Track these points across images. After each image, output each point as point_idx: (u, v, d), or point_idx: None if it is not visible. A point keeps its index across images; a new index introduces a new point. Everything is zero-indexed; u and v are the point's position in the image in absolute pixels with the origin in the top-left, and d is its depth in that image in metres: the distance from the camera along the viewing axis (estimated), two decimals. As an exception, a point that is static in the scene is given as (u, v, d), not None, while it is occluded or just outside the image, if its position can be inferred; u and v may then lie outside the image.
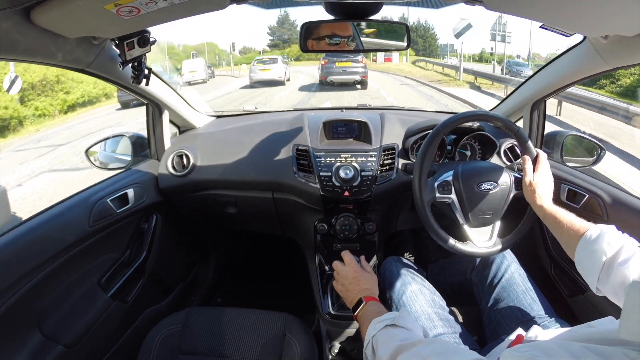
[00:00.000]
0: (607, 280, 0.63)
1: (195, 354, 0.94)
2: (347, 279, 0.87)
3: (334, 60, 10.94)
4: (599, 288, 0.65)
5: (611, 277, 0.62)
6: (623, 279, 0.60)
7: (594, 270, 0.65)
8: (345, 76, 11.12)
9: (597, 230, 0.69)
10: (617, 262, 0.62)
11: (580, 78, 0.99)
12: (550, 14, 0.70)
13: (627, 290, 0.41)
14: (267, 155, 1.20)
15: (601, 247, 0.65)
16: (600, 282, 0.64)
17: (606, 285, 0.63)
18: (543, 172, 0.87)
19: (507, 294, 0.90)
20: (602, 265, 0.64)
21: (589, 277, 0.67)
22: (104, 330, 1.03)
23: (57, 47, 0.71)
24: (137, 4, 0.60)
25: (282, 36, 41.55)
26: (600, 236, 0.67)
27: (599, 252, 0.65)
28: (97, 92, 12.78)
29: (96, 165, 1.27)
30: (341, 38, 0.89)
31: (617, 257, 0.62)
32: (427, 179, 0.94)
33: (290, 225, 1.33)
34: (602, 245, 0.65)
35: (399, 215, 1.27)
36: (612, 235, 0.66)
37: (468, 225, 0.93)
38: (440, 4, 0.88)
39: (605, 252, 0.64)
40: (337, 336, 1.14)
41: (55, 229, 0.91)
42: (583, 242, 0.69)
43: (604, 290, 0.64)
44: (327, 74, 11.25)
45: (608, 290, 0.64)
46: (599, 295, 0.66)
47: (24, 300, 0.81)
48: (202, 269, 1.65)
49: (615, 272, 0.61)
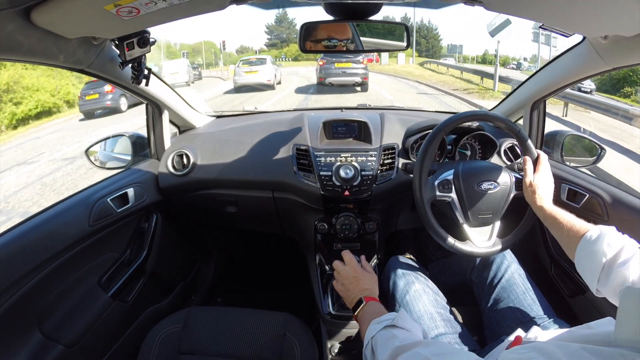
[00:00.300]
0: (606, 281, 0.63)
1: (195, 353, 0.94)
2: (347, 279, 0.87)
3: (332, 61, 10.28)
4: (598, 289, 0.65)
5: (611, 278, 0.62)
6: (623, 280, 0.60)
7: (593, 271, 0.65)
8: (345, 78, 10.43)
9: (597, 231, 0.68)
10: (616, 264, 0.62)
11: (579, 78, 0.99)
12: (549, 14, 0.70)
13: (621, 295, 0.41)
14: (267, 155, 1.21)
15: (601, 249, 0.65)
16: (600, 283, 0.64)
17: (606, 286, 0.63)
18: (543, 173, 0.87)
19: (507, 294, 0.90)
20: (602, 266, 0.64)
21: (589, 278, 0.67)
22: (104, 330, 1.03)
23: (57, 48, 0.71)
24: (137, 4, 0.60)
25: (280, 35, 40.55)
26: (600, 237, 0.67)
27: (599, 254, 0.65)
28: (54, 102, 11.27)
29: (96, 165, 1.28)
30: (341, 38, 0.89)
31: (616, 259, 0.62)
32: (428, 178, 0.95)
33: (291, 225, 1.33)
34: (602, 247, 0.65)
35: (399, 214, 1.28)
36: (611, 236, 0.66)
37: (468, 224, 0.93)
38: (439, 4, 0.88)
39: (605, 254, 0.64)
40: (337, 336, 1.15)
41: (55, 228, 0.91)
42: (583, 243, 0.69)
43: (604, 292, 0.65)
44: (326, 75, 10.53)
45: (608, 292, 0.64)
46: (598, 296, 0.66)
47: (24, 299, 0.81)
48: (202, 268, 1.65)
49: (615, 273, 0.61)
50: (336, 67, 10.36)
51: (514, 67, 21.97)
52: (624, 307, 0.41)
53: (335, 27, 0.90)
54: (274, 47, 39.48)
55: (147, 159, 1.31)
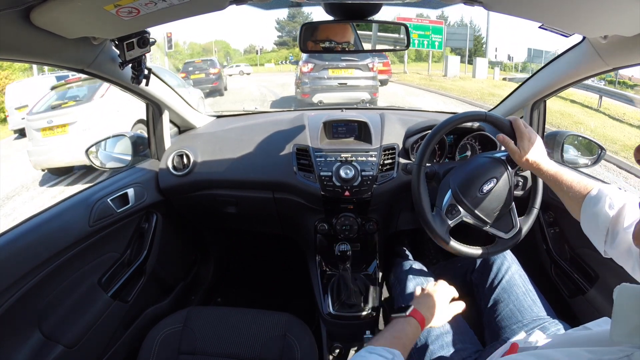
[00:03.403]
0: (613, 244, 0.62)
1: (195, 353, 0.94)
2: (436, 294, 0.81)
3: (325, 65, 6.35)
4: (606, 251, 0.64)
5: (616, 242, 0.61)
6: (628, 245, 0.59)
7: (599, 235, 0.64)
8: (346, 93, 6.35)
9: (597, 191, 0.67)
10: (621, 227, 0.61)
11: (579, 78, 0.99)
12: (549, 15, 0.70)
13: (616, 293, 0.41)
14: (268, 155, 1.21)
15: (603, 210, 0.64)
16: (607, 245, 0.63)
17: (613, 249, 0.62)
18: (523, 136, 0.83)
19: (507, 295, 0.90)
20: (607, 230, 0.63)
21: (596, 241, 0.66)
22: (104, 330, 1.03)
23: (56, 48, 0.71)
24: (137, 4, 0.60)
25: (291, 32, 35.06)
26: (600, 199, 0.66)
27: (602, 216, 0.64)
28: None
29: (96, 165, 1.28)
30: (341, 39, 0.89)
31: (620, 221, 0.61)
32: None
33: (291, 225, 1.33)
34: (604, 209, 0.64)
35: (400, 215, 1.27)
36: (612, 196, 0.65)
37: (489, 225, 0.92)
38: (439, 4, 0.88)
39: (608, 216, 0.63)
40: (338, 336, 1.15)
41: (55, 228, 0.91)
42: (585, 206, 0.68)
43: (612, 254, 0.63)
44: (314, 90, 6.40)
45: (616, 255, 0.62)
46: (606, 257, 0.65)
47: (24, 300, 0.81)
48: (202, 268, 1.65)
49: (621, 237, 0.60)
50: (331, 75, 6.43)
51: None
52: (619, 304, 0.41)
53: (335, 27, 0.90)
54: (284, 45, 34.83)
55: (147, 159, 1.31)
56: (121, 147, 1.31)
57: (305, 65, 6.51)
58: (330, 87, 6.41)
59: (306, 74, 6.49)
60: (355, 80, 6.40)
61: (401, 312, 0.74)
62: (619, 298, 0.41)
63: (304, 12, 26.71)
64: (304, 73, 6.53)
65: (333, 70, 6.39)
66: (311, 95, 6.46)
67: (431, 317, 0.75)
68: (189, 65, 11.31)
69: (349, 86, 6.41)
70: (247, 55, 30.23)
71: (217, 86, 10.78)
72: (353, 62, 6.30)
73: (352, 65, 6.34)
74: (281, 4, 0.96)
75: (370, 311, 1.09)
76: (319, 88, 6.43)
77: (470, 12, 33.26)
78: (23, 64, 8.29)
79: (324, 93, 6.37)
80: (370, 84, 6.47)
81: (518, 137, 0.84)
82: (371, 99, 6.47)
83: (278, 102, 9.40)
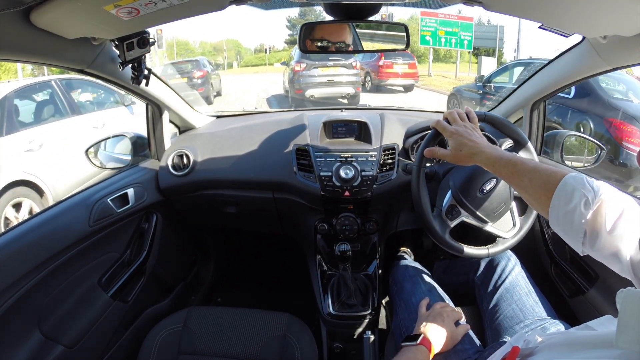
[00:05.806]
0: (594, 246, 0.55)
1: (195, 354, 0.94)
2: (443, 319, 0.80)
3: (315, 65, 7.23)
4: (585, 251, 0.57)
5: (598, 244, 0.54)
6: (615, 251, 0.53)
7: (574, 236, 0.57)
8: (333, 89, 7.39)
9: (567, 185, 0.58)
10: (602, 228, 0.54)
11: (579, 78, 0.99)
12: (549, 15, 0.70)
13: (621, 300, 0.39)
14: (268, 155, 1.21)
15: (577, 210, 0.55)
16: (587, 247, 0.56)
17: (595, 251, 0.56)
18: (451, 133, 0.76)
19: (510, 296, 0.90)
20: (584, 232, 0.55)
21: (571, 242, 0.59)
22: (104, 330, 1.03)
23: (57, 48, 0.71)
24: (137, 5, 0.60)
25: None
26: (573, 195, 0.56)
27: (577, 217, 0.55)
28: None
29: (96, 165, 1.28)
30: (336, 38, 0.90)
31: (598, 221, 0.54)
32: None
33: (291, 225, 1.33)
34: (579, 208, 0.55)
35: (400, 215, 1.27)
36: (586, 191, 0.56)
37: (490, 225, 0.93)
38: (439, 4, 0.88)
39: (584, 215, 0.55)
40: (338, 336, 1.15)
41: (55, 228, 0.91)
42: (555, 204, 0.58)
43: (594, 256, 0.57)
44: (307, 86, 7.31)
45: (599, 257, 0.56)
46: (582, 255, 0.59)
47: (24, 300, 0.81)
48: (202, 268, 1.65)
49: (605, 241, 0.53)
50: (322, 73, 7.33)
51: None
52: (625, 311, 0.39)
53: (335, 27, 0.91)
54: (294, 44, 33.46)
55: (147, 159, 1.31)
56: (121, 147, 1.31)
57: (298, 65, 7.34)
58: (320, 84, 7.32)
59: (299, 72, 7.34)
60: (340, 77, 7.38)
61: (411, 340, 0.75)
62: (625, 304, 0.39)
63: (315, 10, 25.17)
64: (297, 72, 7.35)
65: (323, 69, 7.32)
66: (304, 91, 7.37)
67: (440, 344, 0.77)
68: (169, 67, 9.26)
69: (336, 82, 7.38)
70: (257, 54, 29.27)
71: (203, 92, 8.39)
72: (339, 61, 7.24)
73: (339, 64, 7.29)
74: (281, 4, 0.96)
75: (370, 311, 1.09)
76: (310, 84, 7.31)
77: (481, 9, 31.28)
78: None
79: (315, 89, 7.33)
80: (353, 80, 7.51)
81: (447, 137, 0.78)
82: (354, 92, 7.50)
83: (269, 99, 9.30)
